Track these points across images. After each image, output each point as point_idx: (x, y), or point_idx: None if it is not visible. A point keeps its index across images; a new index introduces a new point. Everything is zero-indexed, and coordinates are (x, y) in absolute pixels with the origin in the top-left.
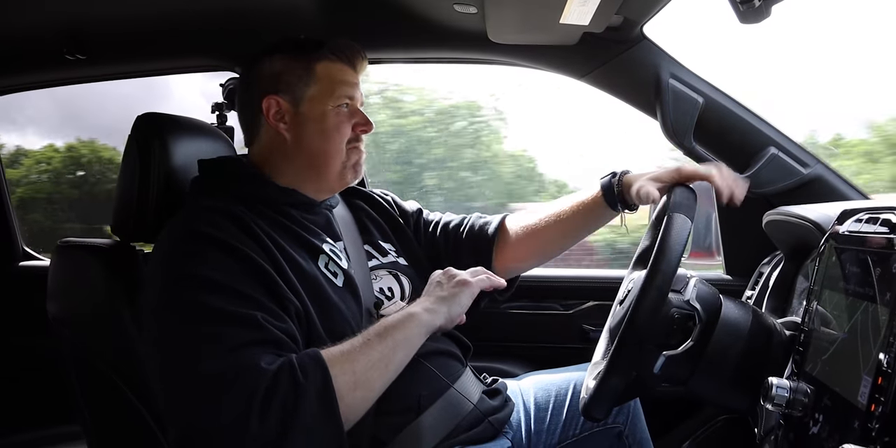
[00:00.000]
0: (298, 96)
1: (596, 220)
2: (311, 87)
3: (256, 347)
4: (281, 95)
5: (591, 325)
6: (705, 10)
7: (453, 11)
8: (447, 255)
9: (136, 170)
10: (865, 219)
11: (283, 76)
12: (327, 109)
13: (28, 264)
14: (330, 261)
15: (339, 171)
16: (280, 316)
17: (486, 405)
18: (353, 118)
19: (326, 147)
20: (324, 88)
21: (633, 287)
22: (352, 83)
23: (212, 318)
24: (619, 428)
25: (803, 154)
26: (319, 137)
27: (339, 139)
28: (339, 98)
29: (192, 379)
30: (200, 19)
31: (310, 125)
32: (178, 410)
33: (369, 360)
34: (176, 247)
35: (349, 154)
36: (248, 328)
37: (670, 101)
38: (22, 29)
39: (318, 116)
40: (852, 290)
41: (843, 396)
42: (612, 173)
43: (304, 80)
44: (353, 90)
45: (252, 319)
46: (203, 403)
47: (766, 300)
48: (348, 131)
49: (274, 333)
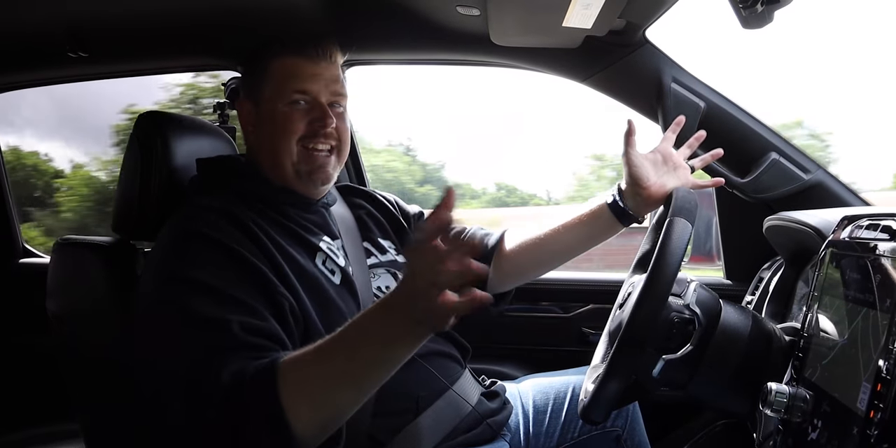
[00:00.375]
0: (258, 98)
1: (599, 232)
2: (266, 86)
3: (227, 354)
4: (248, 98)
5: (590, 328)
6: (708, 14)
7: (456, 13)
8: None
9: (138, 168)
10: (866, 225)
11: (249, 79)
12: (278, 108)
13: (28, 261)
14: (327, 258)
15: (293, 174)
16: (264, 316)
17: (485, 407)
18: (310, 114)
19: (276, 146)
20: (276, 86)
21: (632, 291)
22: (306, 75)
23: (189, 320)
24: (617, 431)
25: (804, 159)
26: (269, 138)
27: (287, 138)
28: (290, 93)
29: (160, 378)
30: (202, 19)
31: (266, 126)
32: (150, 407)
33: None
34: (170, 247)
35: (302, 154)
36: (221, 333)
37: (672, 105)
38: (25, 27)
39: (270, 116)
40: (852, 297)
41: (843, 402)
42: (616, 186)
43: (261, 81)
44: (307, 83)
45: (228, 324)
46: (170, 403)
47: (766, 305)
48: (299, 128)
49: (248, 339)
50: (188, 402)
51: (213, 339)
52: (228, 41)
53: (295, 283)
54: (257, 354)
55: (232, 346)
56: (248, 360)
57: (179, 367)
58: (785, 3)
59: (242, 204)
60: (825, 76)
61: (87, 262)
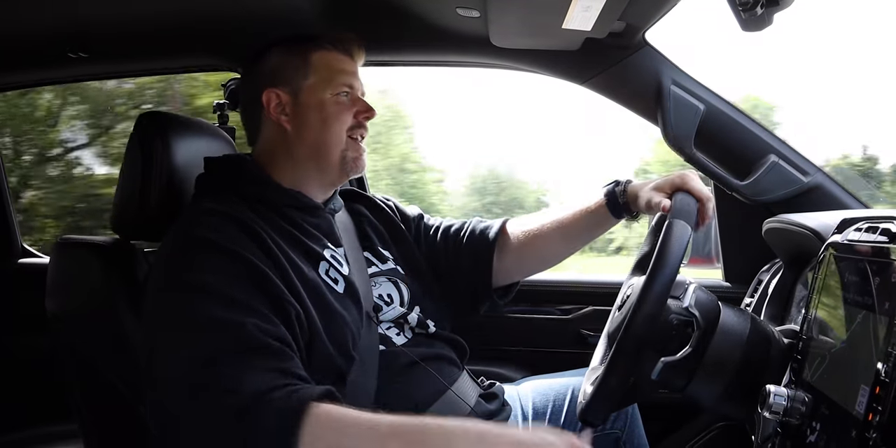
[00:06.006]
0: (297, 87)
1: (597, 227)
2: (309, 77)
3: (248, 357)
4: (280, 88)
5: (589, 329)
6: (707, 17)
7: (456, 15)
8: (447, 258)
9: (138, 168)
10: (865, 228)
11: (282, 69)
12: (326, 98)
13: (27, 262)
14: (330, 267)
15: (339, 162)
16: (274, 321)
17: (484, 408)
18: (354, 106)
19: (326, 135)
20: (321, 77)
21: (631, 293)
22: (349, 72)
23: (203, 325)
24: (616, 433)
25: (804, 162)
26: (320, 126)
27: (339, 127)
28: (338, 86)
29: (172, 382)
30: (202, 20)
31: (310, 114)
32: (159, 413)
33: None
34: (176, 251)
35: (349, 143)
36: (235, 336)
37: (671, 107)
38: (26, 27)
39: (317, 105)
40: (851, 299)
41: (841, 405)
42: (615, 182)
43: (301, 72)
44: (351, 79)
45: (242, 326)
46: (181, 409)
47: (765, 308)
48: (349, 119)
49: (266, 340)
50: (202, 400)
51: (231, 342)
52: (229, 42)
53: (301, 290)
54: (280, 365)
55: (253, 347)
56: (272, 372)
57: (194, 369)
58: (784, 5)
59: (248, 208)
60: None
61: (87, 262)
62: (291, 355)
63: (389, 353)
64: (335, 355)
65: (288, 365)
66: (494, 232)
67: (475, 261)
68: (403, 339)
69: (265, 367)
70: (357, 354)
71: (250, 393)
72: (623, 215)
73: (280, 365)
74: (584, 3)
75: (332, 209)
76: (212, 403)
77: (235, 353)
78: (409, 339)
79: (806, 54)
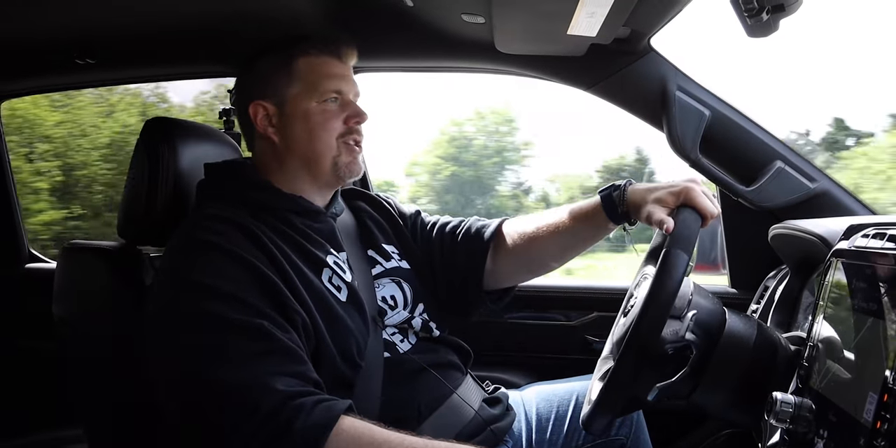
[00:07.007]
0: (282, 98)
1: (594, 232)
2: (293, 85)
3: (265, 359)
4: (267, 99)
5: (594, 336)
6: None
7: (461, 21)
8: (442, 256)
9: (145, 173)
10: (872, 234)
11: (267, 79)
12: (311, 106)
13: (34, 267)
14: (333, 274)
15: (331, 168)
16: (284, 326)
17: (487, 413)
18: (344, 112)
19: (315, 145)
20: (307, 85)
21: (634, 303)
22: (337, 75)
23: (217, 327)
24: (621, 440)
25: (810, 168)
26: (307, 137)
27: (327, 136)
28: (325, 93)
29: (197, 388)
30: (207, 27)
31: (296, 125)
32: (187, 418)
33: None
34: (181, 256)
35: (341, 149)
36: (253, 338)
37: (677, 113)
38: (33, 34)
39: (302, 115)
40: (858, 306)
41: (848, 413)
42: (612, 186)
43: (286, 80)
44: (338, 83)
45: (258, 328)
46: (210, 412)
47: (772, 314)
48: (338, 126)
49: (282, 342)
50: (222, 403)
51: (249, 344)
52: (233, 48)
53: (306, 298)
54: (297, 368)
55: (268, 351)
56: (293, 377)
57: (215, 375)
58: (790, 11)
59: (249, 214)
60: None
61: (94, 267)
62: (306, 360)
63: (394, 360)
64: (340, 363)
65: (304, 369)
66: (490, 232)
67: (469, 259)
68: (408, 345)
69: (285, 370)
70: (363, 362)
71: (278, 397)
72: (621, 222)
73: (297, 368)
74: (588, 9)
75: (333, 213)
76: (234, 407)
77: (256, 355)
78: (414, 345)
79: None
